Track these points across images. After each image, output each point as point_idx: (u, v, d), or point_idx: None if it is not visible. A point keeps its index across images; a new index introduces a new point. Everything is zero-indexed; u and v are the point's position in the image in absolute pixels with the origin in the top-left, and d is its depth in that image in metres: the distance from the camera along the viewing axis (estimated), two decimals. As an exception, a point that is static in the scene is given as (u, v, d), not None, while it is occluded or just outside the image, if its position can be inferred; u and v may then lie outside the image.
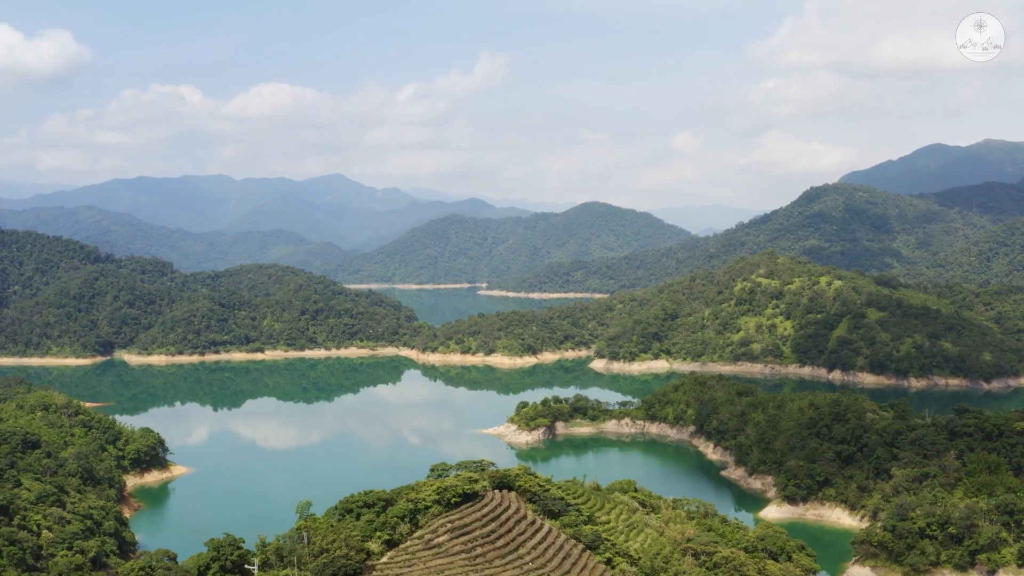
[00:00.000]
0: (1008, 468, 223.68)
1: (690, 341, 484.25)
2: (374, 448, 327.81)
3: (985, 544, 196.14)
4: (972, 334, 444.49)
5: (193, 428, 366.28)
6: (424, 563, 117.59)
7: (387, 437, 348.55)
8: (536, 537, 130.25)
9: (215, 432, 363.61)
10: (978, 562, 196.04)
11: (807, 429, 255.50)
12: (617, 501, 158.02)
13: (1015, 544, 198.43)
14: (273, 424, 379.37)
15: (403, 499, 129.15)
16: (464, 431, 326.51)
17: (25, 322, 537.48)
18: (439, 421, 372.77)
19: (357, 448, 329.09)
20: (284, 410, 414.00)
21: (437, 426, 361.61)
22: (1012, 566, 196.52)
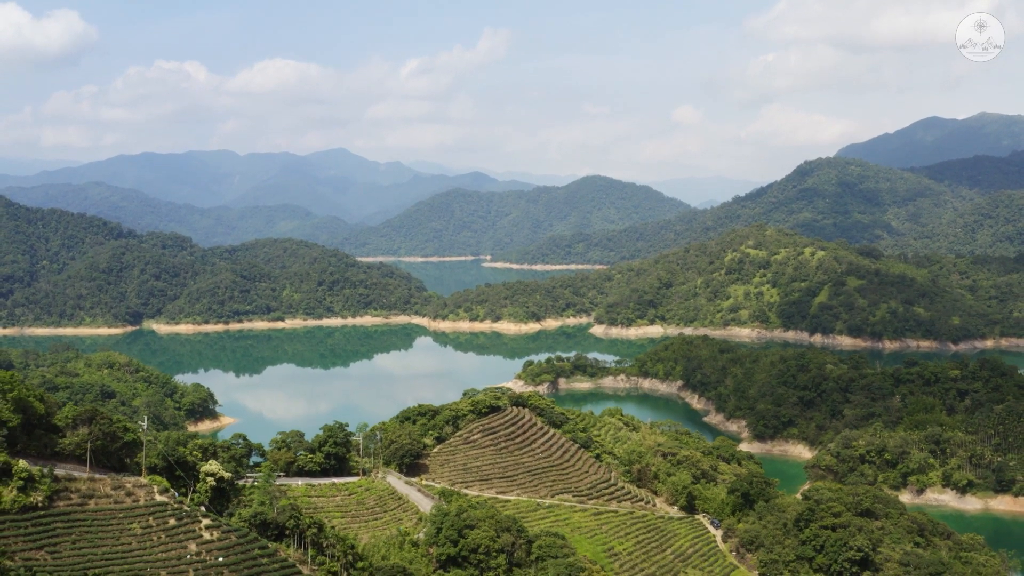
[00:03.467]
0: (942, 408, 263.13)
1: (683, 308, 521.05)
2: (398, 398, 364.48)
3: (915, 468, 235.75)
4: (944, 300, 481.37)
5: (228, 388, 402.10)
6: (464, 453, 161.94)
7: (408, 390, 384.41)
8: (544, 438, 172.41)
9: (250, 390, 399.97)
10: (909, 483, 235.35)
11: (776, 379, 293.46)
12: (606, 422, 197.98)
13: (940, 468, 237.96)
14: (302, 383, 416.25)
15: (446, 410, 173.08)
16: (476, 387, 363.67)
17: (58, 295, 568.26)
18: (452, 378, 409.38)
19: (384, 397, 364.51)
20: (307, 372, 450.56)
21: (451, 382, 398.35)
22: (937, 486, 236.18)
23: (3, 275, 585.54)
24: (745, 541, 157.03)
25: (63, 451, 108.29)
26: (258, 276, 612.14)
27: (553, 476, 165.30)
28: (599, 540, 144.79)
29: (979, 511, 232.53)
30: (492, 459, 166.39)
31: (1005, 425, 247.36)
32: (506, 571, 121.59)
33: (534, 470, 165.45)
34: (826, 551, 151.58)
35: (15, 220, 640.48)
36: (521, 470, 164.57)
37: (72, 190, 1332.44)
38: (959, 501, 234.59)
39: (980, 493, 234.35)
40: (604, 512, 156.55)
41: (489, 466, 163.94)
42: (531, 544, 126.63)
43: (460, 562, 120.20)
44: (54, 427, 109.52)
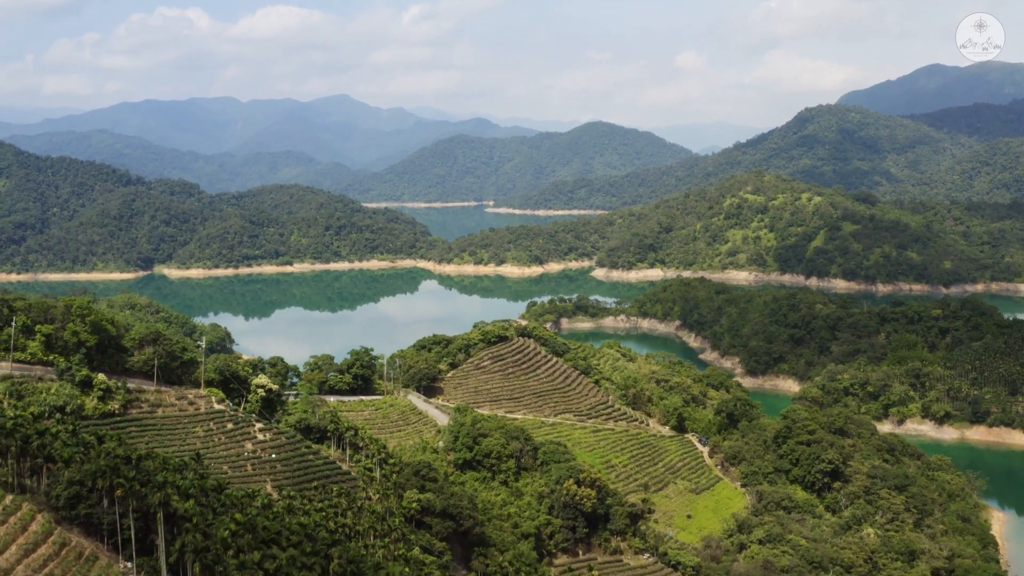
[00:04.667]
0: (924, 346, 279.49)
1: (683, 251, 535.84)
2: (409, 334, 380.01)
3: (896, 400, 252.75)
4: (937, 246, 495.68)
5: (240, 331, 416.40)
6: (475, 377, 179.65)
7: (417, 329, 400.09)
8: (547, 364, 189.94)
9: (262, 332, 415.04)
10: (890, 414, 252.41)
11: (768, 318, 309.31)
12: (605, 353, 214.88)
13: (920, 400, 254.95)
14: (315, 324, 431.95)
15: (459, 339, 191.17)
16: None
17: (70, 241, 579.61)
18: (458, 320, 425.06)
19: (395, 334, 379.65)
20: (316, 316, 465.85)
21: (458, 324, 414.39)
22: (916, 417, 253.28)
23: (15, 222, 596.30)
24: (729, 456, 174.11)
25: (132, 368, 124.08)
26: (266, 221, 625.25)
27: (556, 398, 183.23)
28: (597, 454, 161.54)
29: (955, 440, 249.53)
30: (501, 383, 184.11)
31: (982, 361, 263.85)
32: (515, 473, 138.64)
33: (539, 392, 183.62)
34: (801, 464, 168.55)
35: (24, 168, 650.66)
36: (527, 392, 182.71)
37: (75, 137, 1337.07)
38: (937, 431, 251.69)
39: (956, 424, 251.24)
40: (602, 430, 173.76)
41: (498, 389, 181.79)
42: (537, 451, 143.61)
43: (475, 465, 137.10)
44: (123, 347, 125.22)
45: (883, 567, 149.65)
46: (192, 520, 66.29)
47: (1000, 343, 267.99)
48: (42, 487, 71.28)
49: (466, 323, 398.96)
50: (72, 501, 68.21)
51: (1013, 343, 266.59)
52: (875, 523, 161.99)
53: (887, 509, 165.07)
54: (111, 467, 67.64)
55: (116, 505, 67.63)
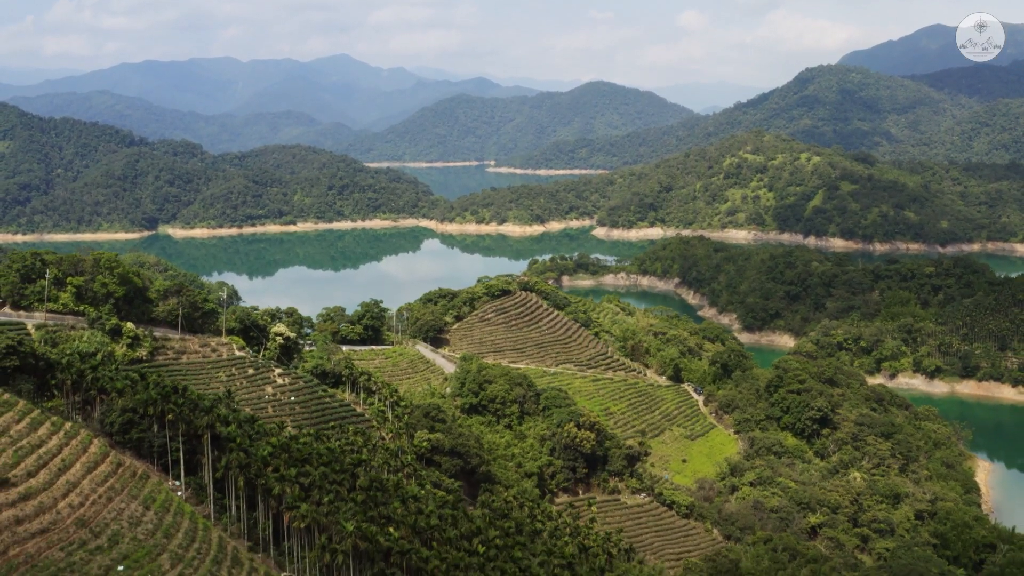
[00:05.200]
0: (916, 302, 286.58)
1: (682, 211, 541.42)
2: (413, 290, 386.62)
3: (888, 355, 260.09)
4: (934, 205, 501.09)
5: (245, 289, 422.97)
6: (480, 329, 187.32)
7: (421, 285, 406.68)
8: (549, 317, 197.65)
9: (269, 289, 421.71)
10: (883, 368, 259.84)
11: (765, 275, 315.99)
12: (605, 307, 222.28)
13: (911, 355, 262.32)
14: (319, 282, 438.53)
15: (463, 293, 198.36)
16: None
17: (76, 201, 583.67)
18: (461, 277, 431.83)
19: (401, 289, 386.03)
20: (320, 274, 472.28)
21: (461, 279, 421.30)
22: (908, 372, 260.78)
23: (20, 183, 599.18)
24: (723, 404, 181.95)
25: (157, 317, 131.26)
26: (269, 181, 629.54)
27: (557, 349, 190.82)
28: (597, 401, 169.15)
29: (945, 394, 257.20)
30: (504, 334, 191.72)
31: (973, 317, 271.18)
32: (518, 418, 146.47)
33: (541, 343, 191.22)
34: (791, 411, 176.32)
35: (28, 130, 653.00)
36: (529, 343, 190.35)
37: (76, 99, 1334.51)
38: (928, 385, 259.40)
39: (947, 378, 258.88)
40: (601, 379, 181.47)
41: (501, 340, 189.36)
42: (539, 396, 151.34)
43: (480, 410, 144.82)
44: (149, 298, 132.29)
45: (868, 509, 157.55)
46: (236, 440, 73.68)
47: (991, 300, 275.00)
48: (95, 416, 78.57)
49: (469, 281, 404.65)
50: (125, 427, 75.48)
51: (1003, 300, 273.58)
52: (861, 468, 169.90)
53: (873, 455, 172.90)
54: (162, 395, 74.88)
55: (166, 430, 74.99)
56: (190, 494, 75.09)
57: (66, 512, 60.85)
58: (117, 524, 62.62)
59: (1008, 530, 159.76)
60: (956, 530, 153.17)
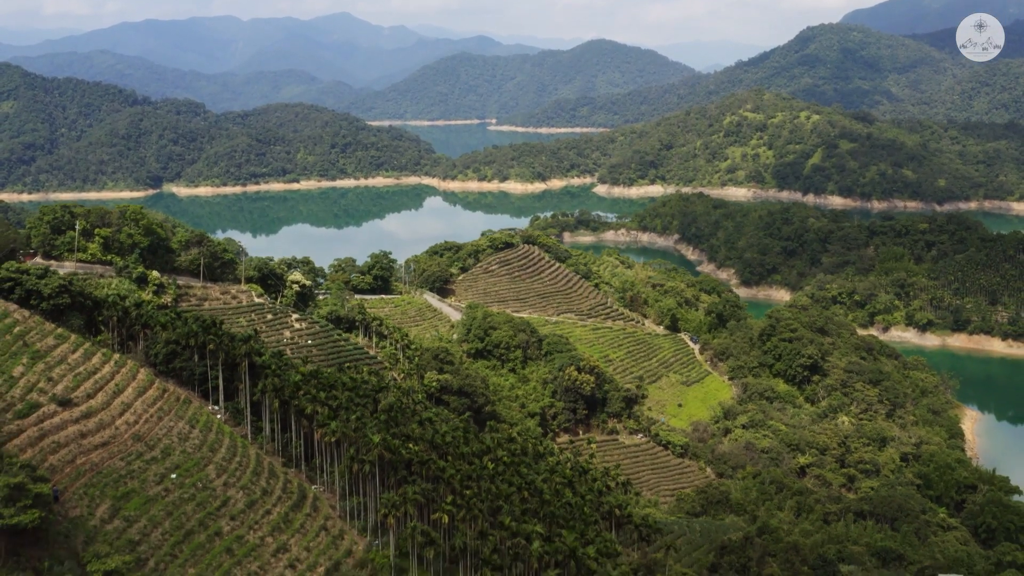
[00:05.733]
0: (910, 258, 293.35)
1: (683, 168, 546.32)
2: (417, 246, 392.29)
3: (881, 308, 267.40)
4: (932, 164, 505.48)
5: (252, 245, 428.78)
6: (484, 280, 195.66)
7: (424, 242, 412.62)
8: (551, 269, 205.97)
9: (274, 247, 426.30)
10: (876, 321, 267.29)
11: (762, 231, 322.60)
12: (605, 260, 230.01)
13: (904, 309, 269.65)
14: (323, 240, 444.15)
15: (468, 245, 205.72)
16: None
17: (80, 161, 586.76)
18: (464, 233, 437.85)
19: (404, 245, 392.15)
20: (324, 231, 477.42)
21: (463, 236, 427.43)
22: (901, 325, 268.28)
23: (24, 143, 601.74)
24: (718, 352, 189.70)
25: (179, 266, 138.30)
26: (273, 140, 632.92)
27: (559, 299, 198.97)
28: (596, 349, 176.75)
29: (937, 347, 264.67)
30: (507, 285, 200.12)
31: (964, 272, 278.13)
32: (522, 362, 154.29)
33: (543, 294, 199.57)
34: (783, 359, 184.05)
35: (32, 90, 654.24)
36: (532, 294, 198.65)
37: (77, 59, 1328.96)
38: (919, 338, 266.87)
39: (938, 331, 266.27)
40: (601, 328, 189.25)
41: (505, 290, 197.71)
42: (541, 342, 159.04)
43: (485, 354, 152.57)
44: (171, 249, 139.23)
45: (855, 451, 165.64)
46: (271, 367, 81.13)
47: (982, 256, 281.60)
48: (139, 349, 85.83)
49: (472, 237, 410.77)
50: (169, 357, 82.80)
51: (995, 256, 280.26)
52: (850, 412, 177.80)
53: (861, 400, 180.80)
54: (203, 328, 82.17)
55: (206, 359, 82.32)
56: (228, 417, 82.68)
57: (123, 428, 68.20)
58: (168, 439, 70.03)
59: (989, 472, 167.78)
60: (939, 471, 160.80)
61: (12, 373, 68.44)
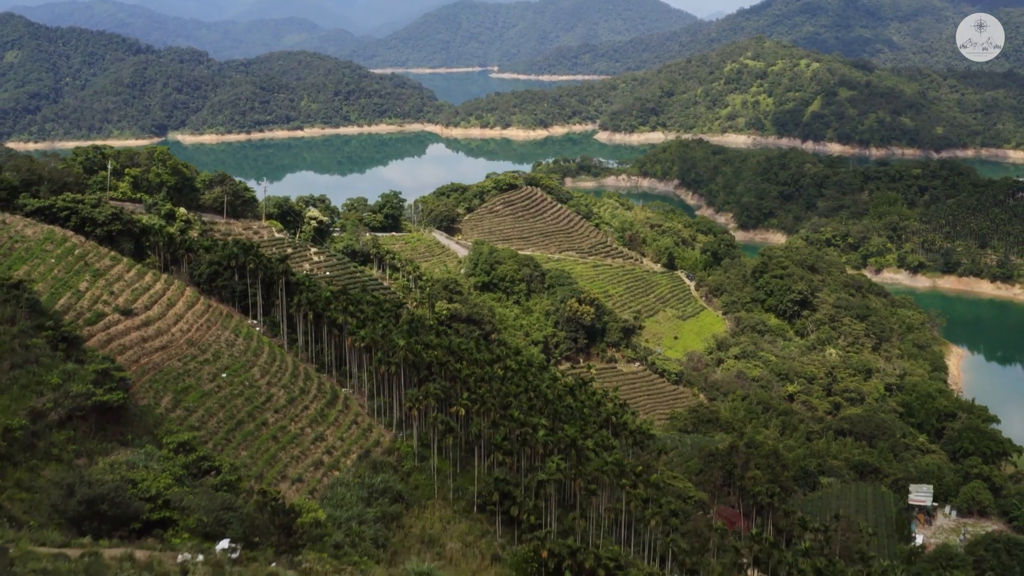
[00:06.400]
0: (903, 202, 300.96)
1: (683, 115, 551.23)
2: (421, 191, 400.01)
3: (874, 251, 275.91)
4: (930, 112, 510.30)
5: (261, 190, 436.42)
6: (489, 220, 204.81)
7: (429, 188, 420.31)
8: (553, 209, 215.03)
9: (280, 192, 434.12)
10: (868, 263, 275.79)
11: (760, 176, 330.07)
12: (605, 202, 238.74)
13: (896, 252, 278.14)
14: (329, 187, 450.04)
15: (474, 187, 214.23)
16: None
17: (86, 109, 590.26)
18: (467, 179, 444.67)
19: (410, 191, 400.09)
20: (328, 178, 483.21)
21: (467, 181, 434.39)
22: (893, 267, 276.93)
23: (29, 92, 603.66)
24: (712, 288, 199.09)
25: (204, 204, 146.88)
26: (276, 88, 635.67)
27: (560, 238, 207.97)
28: (597, 284, 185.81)
29: (928, 289, 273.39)
30: (512, 224, 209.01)
31: (955, 216, 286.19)
32: (526, 294, 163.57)
33: (545, 233, 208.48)
34: (774, 294, 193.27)
35: (36, 39, 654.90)
36: (535, 233, 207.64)
37: (77, 7, 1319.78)
38: (911, 280, 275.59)
39: (929, 273, 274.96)
40: (601, 265, 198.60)
41: (509, 229, 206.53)
42: (544, 276, 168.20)
43: (491, 287, 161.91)
44: (195, 187, 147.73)
45: (841, 380, 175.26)
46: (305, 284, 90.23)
47: (973, 200, 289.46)
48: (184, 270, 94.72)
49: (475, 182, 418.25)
50: (211, 277, 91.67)
51: (985, 201, 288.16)
52: (837, 345, 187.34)
53: (848, 334, 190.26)
54: (243, 250, 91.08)
55: (246, 278, 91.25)
56: (265, 330, 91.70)
57: (178, 335, 77.22)
58: (216, 345, 79.07)
59: (968, 402, 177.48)
60: (920, 400, 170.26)
61: (79, 288, 77.43)
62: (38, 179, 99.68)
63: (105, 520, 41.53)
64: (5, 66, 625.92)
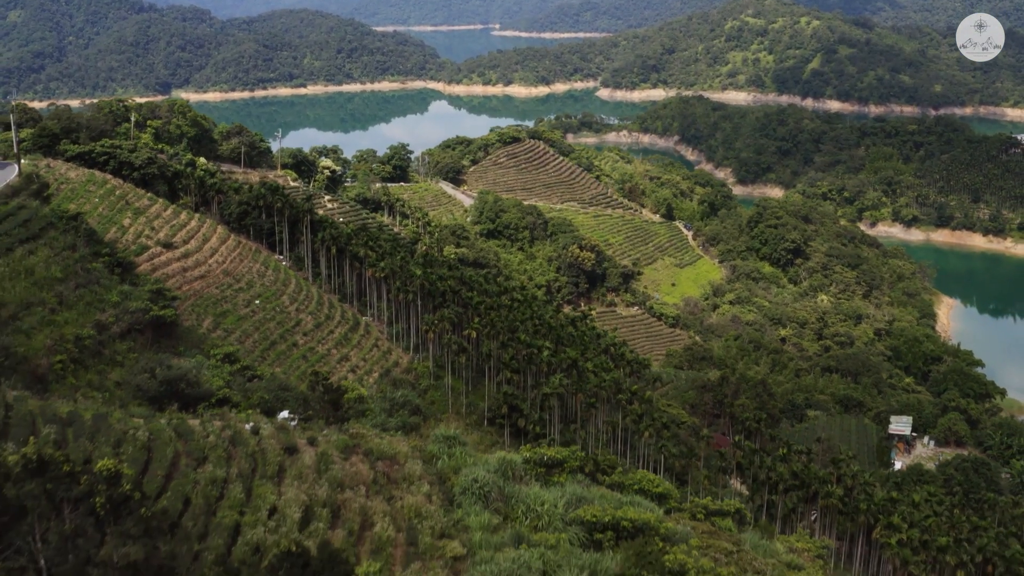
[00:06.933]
0: (899, 158, 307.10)
1: (684, 72, 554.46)
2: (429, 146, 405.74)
3: (869, 204, 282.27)
4: (929, 70, 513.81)
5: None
6: (493, 171, 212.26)
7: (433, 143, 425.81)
8: (555, 162, 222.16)
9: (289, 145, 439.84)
10: (864, 217, 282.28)
11: (758, 132, 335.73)
12: (606, 155, 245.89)
13: (891, 206, 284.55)
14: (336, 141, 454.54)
15: (478, 140, 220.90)
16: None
17: (89, 68, 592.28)
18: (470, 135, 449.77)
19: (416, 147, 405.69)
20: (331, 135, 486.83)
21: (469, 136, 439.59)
22: (887, 221, 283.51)
23: (33, 52, 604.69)
24: (709, 238, 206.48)
25: (221, 154, 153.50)
26: (279, 45, 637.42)
27: (562, 189, 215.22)
28: (597, 233, 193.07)
29: (921, 241, 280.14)
30: (515, 176, 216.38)
31: (949, 171, 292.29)
32: (529, 241, 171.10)
33: (548, 184, 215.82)
34: (769, 243, 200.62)
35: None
36: (537, 184, 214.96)
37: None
38: (905, 233, 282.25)
39: (923, 227, 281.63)
40: (601, 215, 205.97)
41: (513, 181, 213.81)
42: (547, 224, 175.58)
43: (496, 235, 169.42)
44: (213, 139, 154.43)
45: (831, 325, 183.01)
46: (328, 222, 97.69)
47: (967, 156, 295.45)
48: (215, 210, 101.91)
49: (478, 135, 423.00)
50: (240, 216, 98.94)
51: (979, 156, 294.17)
52: (829, 292, 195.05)
53: (840, 281, 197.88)
54: (270, 191, 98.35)
55: (273, 216, 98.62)
56: (291, 264, 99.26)
57: (214, 266, 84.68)
58: (249, 276, 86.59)
59: (954, 346, 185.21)
60: (908, 344, 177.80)
61: (123, 223, 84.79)
62: (77, 127, 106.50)
63: (182, 398, 48.95)
64: (8, 25, 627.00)
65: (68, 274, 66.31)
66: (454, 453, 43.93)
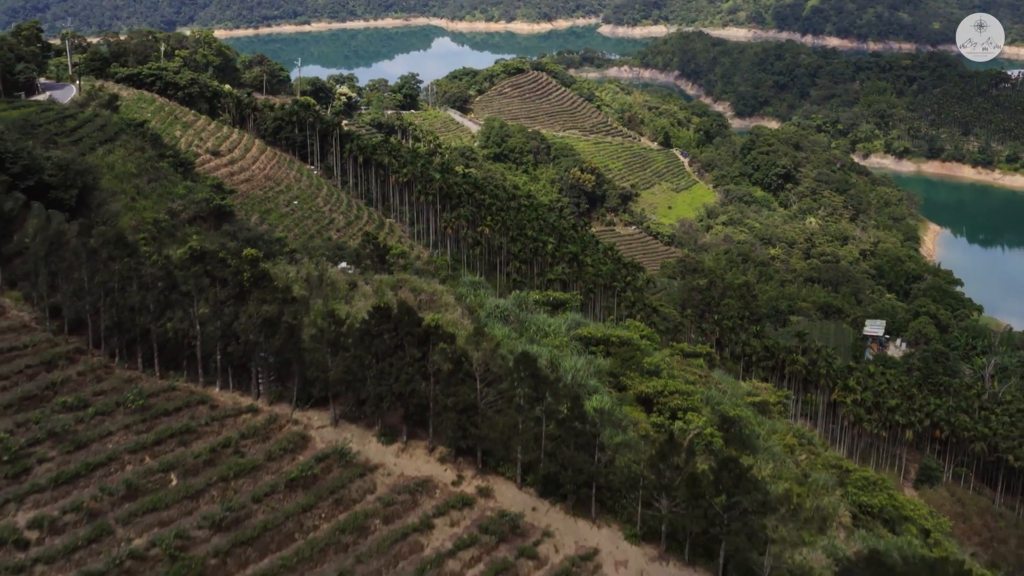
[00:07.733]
0: (892, 91, 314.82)
1: (685, 9, 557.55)
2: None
3: (862, 136, 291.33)
4: (927, 7, 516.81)
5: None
6: (499, 101, 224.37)
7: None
8: (558, 92, 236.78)
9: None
10: (857, 149, 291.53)
11: (756, 66, 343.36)
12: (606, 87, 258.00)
13: (883, 138, 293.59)
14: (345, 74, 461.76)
15: (484, 71, 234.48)
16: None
17: (95, 6, 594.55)
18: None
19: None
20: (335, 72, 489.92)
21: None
22: (880, 152, 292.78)
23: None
24: (704, 164, 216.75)
25: (244, 82, 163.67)
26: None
27: (564, 118, 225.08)
28: (598, 160, 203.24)
29: (912, 173, 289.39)
30: (519, 105, 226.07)
31: (941, 104, 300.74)
32: (533, 164, 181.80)
33: (551, 113, 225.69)
34: (761, 169, 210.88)
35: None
36: (541, 113, 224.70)
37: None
38: (897, 165, 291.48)
39: (914, 158, 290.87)
40: (601, 143, 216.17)
41: (517, 109, 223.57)
42: (550, 148, 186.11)
43: (502, 158, 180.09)
44: (236, 68, 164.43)
45: (819, 245, 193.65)
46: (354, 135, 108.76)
47: (958, 90, 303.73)
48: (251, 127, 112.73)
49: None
50: (275, 130, 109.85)
51: (969, 90, 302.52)
52: (817, 215, 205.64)
53: (828, 205, 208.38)
54: (302, 107, 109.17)
55: (305, 131, 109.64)
56: (322, 172, 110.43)
57: (256, 171, 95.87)
58: (287, 180, 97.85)
59: (934, 266, 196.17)
60: (890, 263, 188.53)
61: (175, 134, 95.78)
62: (124, 52, 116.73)
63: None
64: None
65: (141, 170, 77.44)
66: (479, 293, 55.59)
